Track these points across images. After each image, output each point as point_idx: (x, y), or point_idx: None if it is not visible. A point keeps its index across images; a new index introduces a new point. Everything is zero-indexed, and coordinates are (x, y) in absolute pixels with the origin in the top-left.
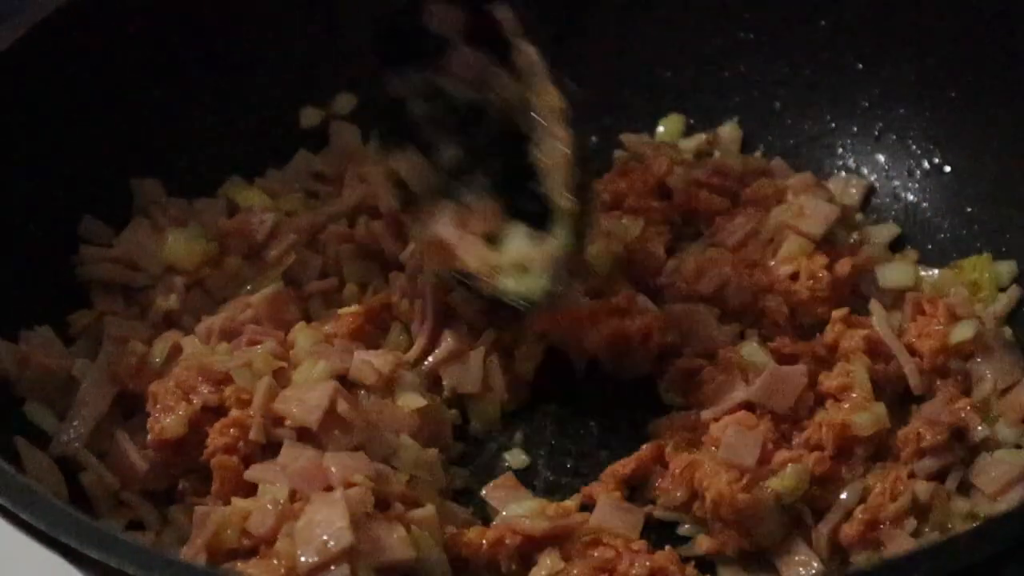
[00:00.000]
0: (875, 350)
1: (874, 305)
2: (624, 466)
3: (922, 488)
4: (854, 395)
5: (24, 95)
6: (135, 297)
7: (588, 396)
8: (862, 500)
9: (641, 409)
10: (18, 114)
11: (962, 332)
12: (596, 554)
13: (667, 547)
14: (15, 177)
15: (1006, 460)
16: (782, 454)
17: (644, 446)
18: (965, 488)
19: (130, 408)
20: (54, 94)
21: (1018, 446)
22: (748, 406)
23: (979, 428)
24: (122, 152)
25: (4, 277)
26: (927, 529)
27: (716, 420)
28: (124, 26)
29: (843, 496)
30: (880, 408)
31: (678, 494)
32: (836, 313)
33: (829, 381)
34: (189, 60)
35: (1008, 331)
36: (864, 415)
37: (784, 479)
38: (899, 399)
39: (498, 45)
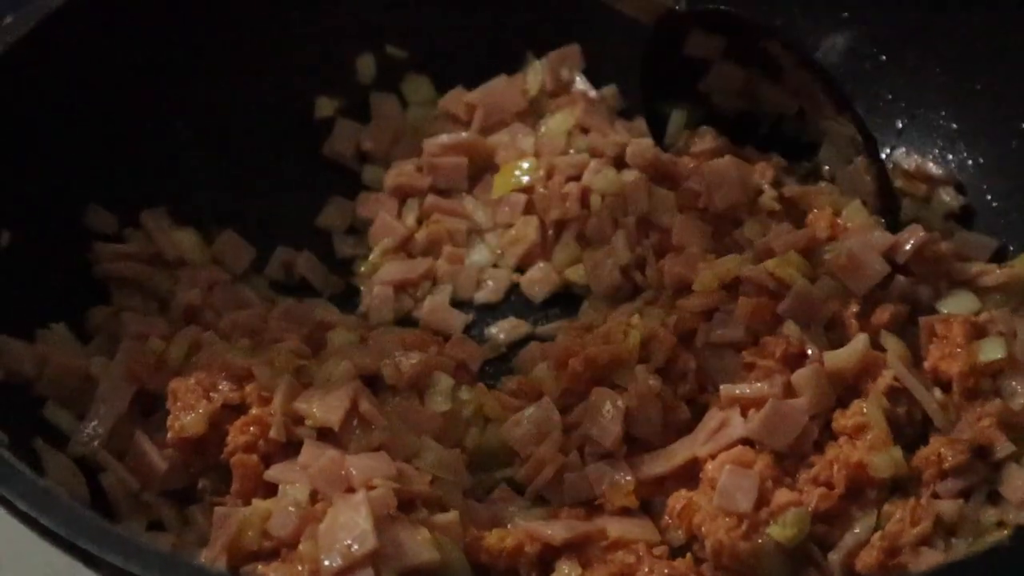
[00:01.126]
0: (895, 393)
1: (890, 344)
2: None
3: (947, 507)
4: (870, 436)
5: (34, 89)
6: (154, 292)
7: None
8: (878, 528)
9: None
10: (30, 107)
11: (991, 351)
12: (615, 559)
13: (688, 554)
14: (25, 173)
15: None
16: (782, 494)
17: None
18: (993, 497)
19: (148, 406)
20: (64, 89)
21: None
22: (746, 441)
23: (1003, 445)
24: (132, 144)
25: (19, 275)
26: (957, 544)
27: (713, 457)
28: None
29: (856, 530)
30: (897, 452)
31: (679, 533)
32: None
33: (844, 420)
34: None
35: None
36: (882, 457)
37: (785, 527)
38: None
39: (760, 59)
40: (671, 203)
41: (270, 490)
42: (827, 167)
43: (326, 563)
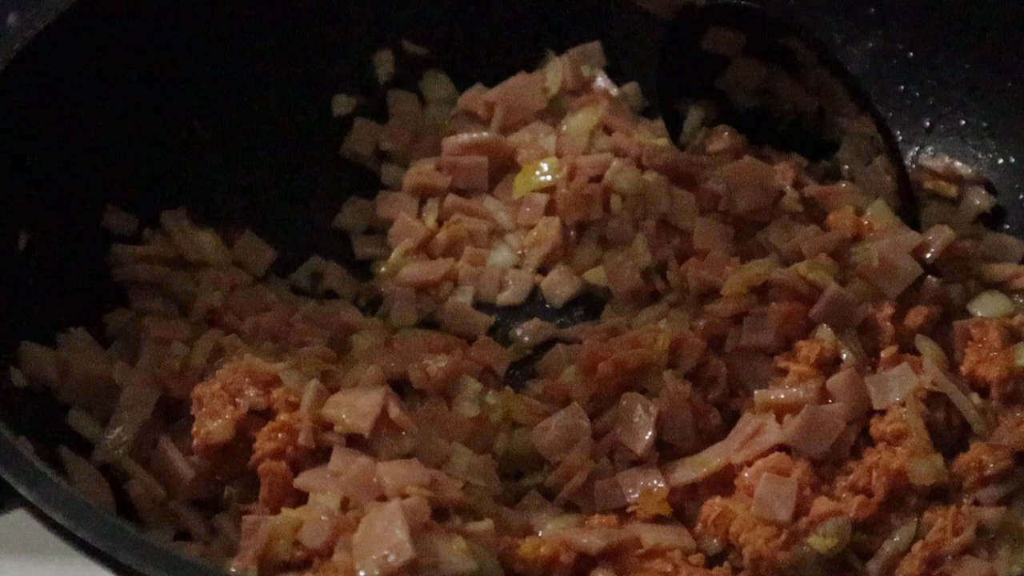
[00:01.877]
0: (933, 398)
1: (924, 348)
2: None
3: (990, 515)
4: (910, 442)
5: (50, 90)
6: (174, 295)
7: None
8: (918, 537)
9: None
10: (45, 109)
11: None
12: (652, 567)
13: (725, 563)
14: (42, 175)
15: None
16: (822, 503)
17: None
18: None
19: (173, 412)
20: (79, 90)
21: None
22: (782, 447)
23: None
24: (150, 145)
25: (37, 278)
26: (1000, 550)
27: (749, 464)
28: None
29: (896, 539)
30: (939, 460)
31: (714, 541)
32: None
33: (883, 425)
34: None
35: None
36: (923, 463)
37: (826, 536)
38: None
39: (779, 56)
40: (691, 205)
41: (299, 498)
42: (847, 166)
43: (362, 574)
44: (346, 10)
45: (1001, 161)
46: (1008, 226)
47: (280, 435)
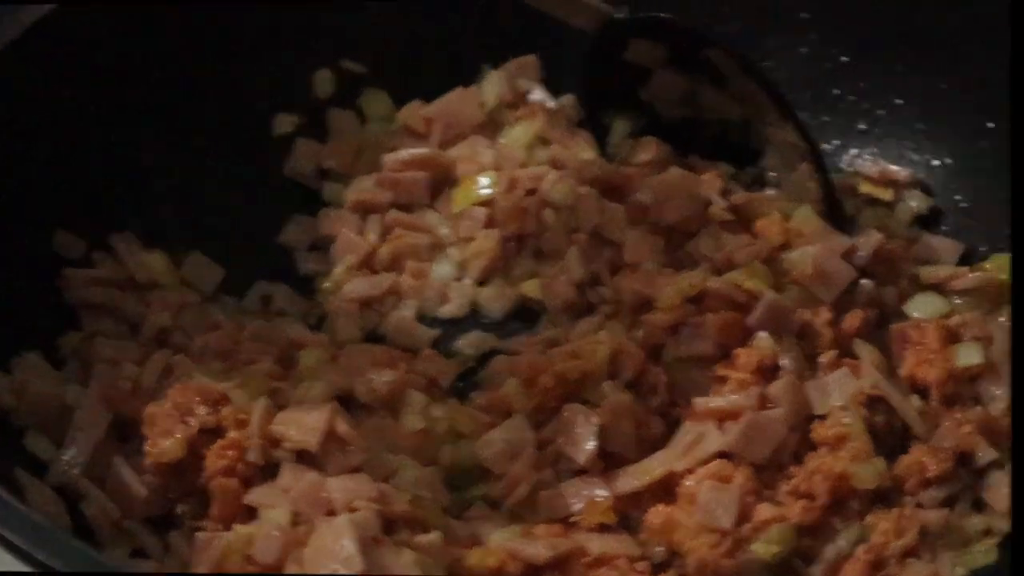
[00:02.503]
0: (873, 402)
1: (863, 352)
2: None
3: (932, 518)
4: (852, 446)
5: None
6: (125, 316)
7: None
8: (862, 540)
9: None
10: None
11: (968, 356)
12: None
13: (670, 570)
14: None
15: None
16: (765, 509)
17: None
18: (978, 504)
19: (125, 432)
20: (24, 115)
21: None
22: (724, 454)
23: (985, 451)
24: (97, 168)
25: None
26: (942, 552)
27: (691, 471)
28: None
29: (839, 543)
30: (881, 463)
31: (660, 549)
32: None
33: (824, 430)
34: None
35: None
36: (865, 467)
37: (770, 543)
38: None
39: (702, 67)
40: (622, 217)
41: (250, 514)
42: (772, 173)
43: None
44: (285, 31)
45: (937, 163)
46: (945, 228)
47: (230, 452)
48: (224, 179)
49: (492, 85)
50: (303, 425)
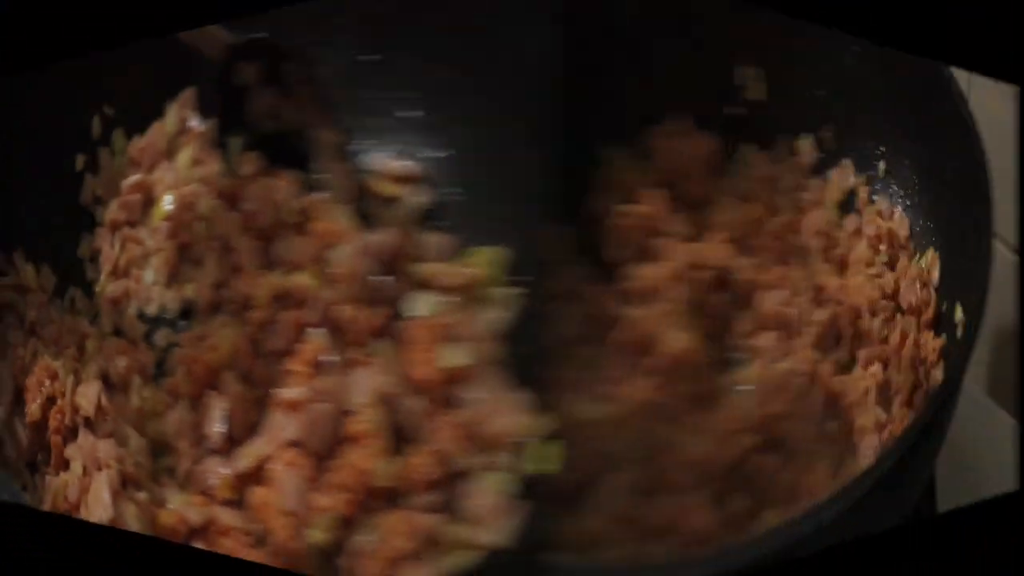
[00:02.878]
0: (389, 400)
1: (377, 349)
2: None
3: (426, 521)
4: (373, 442)
5: None
6: (19, 314)
7: None
8: (380, 537)
9: None
10: None
11: (453, 356)
12: (225, 543)
13: (269, 546)
14: None
15: (492, 488)
16: (321, 497)
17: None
18: (463, 511)
19: (20, 397)
20: None
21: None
22: (295, 443)
23: (467, 457)
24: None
25: None
26: (435, 557)
27: (275, 457)
28: None
29: (361, 537)
30: (397, 462)
31: (258, 526)
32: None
33: (354, 425)
34: None
35: None
36: (382, 464)
37: (319, 531)
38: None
39: (280, 79)
40: (238, 226)
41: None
42: (324, 176)
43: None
44: (71, 86)
45: (443, 155)
46: (448, 223)
47: (59, 416)
48: (54, 208)
49: (171, 116)
50: (86, 397)
